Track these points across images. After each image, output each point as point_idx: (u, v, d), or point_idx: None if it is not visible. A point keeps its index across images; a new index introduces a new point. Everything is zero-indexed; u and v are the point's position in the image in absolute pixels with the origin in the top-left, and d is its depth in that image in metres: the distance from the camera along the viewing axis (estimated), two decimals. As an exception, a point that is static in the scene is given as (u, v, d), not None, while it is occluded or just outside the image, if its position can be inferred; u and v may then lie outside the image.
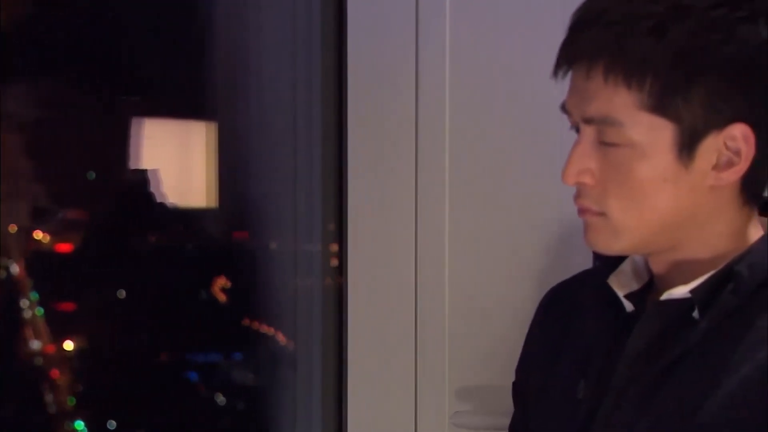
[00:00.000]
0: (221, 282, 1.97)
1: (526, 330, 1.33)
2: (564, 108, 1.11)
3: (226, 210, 2.00)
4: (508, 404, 1.35)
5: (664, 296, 1.09)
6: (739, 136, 1.04)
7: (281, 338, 1.88)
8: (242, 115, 1.94)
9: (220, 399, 2.00)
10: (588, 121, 1.07)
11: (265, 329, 1.92)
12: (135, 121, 1.99)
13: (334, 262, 1.78)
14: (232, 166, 1.97)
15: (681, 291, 1.08)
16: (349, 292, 1.68)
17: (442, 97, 1.63)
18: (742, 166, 1.05)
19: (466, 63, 1.63)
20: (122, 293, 1.96)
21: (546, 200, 1.61)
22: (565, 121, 1.13)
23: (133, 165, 1.99)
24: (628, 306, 1.15)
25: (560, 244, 1.61)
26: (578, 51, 1.06)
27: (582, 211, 1.11)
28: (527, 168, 1.62)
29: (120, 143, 1.99)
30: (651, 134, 1.04)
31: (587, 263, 1.56)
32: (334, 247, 1.78)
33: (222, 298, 1.98)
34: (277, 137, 1.85)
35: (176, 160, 2.03)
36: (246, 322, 1.94)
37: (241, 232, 1.99)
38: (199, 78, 1.99)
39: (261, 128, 1.90)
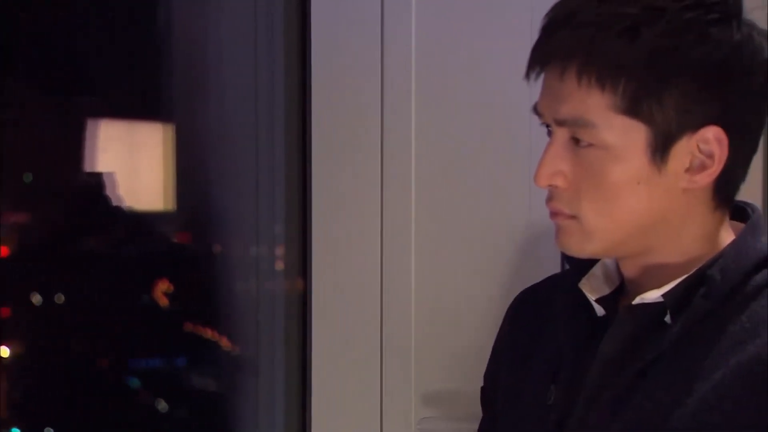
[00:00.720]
0: (171, 286, 1.96)
1: (493, 335, 1.33)
2: (536, 110, 1.11)
3: (186, 213, 1.99)
4: (474, 410, 1.36)
5: (637, 300, 1.09)
6: (712, 138, 1.05)
7: (244, 344, 1.87)
8: (202, 115, 1.93)
9: (180, 407, 1.98)
10: (561, 123, 1.08)
11: (228, 335, 1.91)
12: (89, 123, 1.97)
13: (293, 266, 1.78)
14: (192, 168, 1.96)
15: (653, 295, 1.08)
16: (313, 296, 1.67)
17: (408, 96, 1.63)
18: (715, 169, 1.06)
19: (432, 63, 1.63)
20: (61, 298, 1.94)
21: (514, 203, 1.62)
22: (534, 122, 1.14)
23: (85, 167, 1.97)
24: (599, 310, 1.15)
25: (528, 248, 1.62)
26: (551, 52, 1.07)
27: (554, 214, 1.11)
28: (495, 170, 1.63)
29: (73, 145, 1.97)
30: (624, 136, 1.05)
31: (555, 267, 1.57)
32: (295, 251, 1.77)
33: (178, 302, 1.97)
34: (238, 138, 1.84)
35: (131, 162, 2.01)
36: (208, 327, 1.93)
37: (201, 236, 1.98)
38: (156, 78, 1.98)
39: (221, 129, 1.89)
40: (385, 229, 1.65)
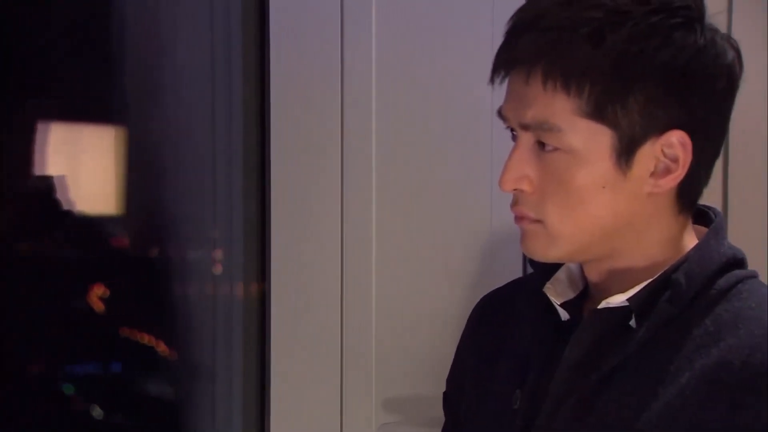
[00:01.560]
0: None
1: (454, 340, 1.34)
2: (500, 114, 1.12)
3: (140, 217, 1.98)
4: (435, 415, 1.37)
5: (602, 305, 1.11)
6: (676, 143, 1.07)
7: (203, 349, 1.87)
8: (156, 117, 1.92)
9: (133, 415, 1.97)
10: (526, 127, 1.09)
11: (184, 341, 1.90)
12: (39, 125, 1.95)
13: (252, 271, 1.78)
14: (147, 171, 1.95)
15: (618, 299, 1.10)
16: (272, 301, 1.67)
17: (369, 100, 1.63)
18: (680, 173, 1.08)
19: (393, 67, 1.63)
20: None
21: (475, 207, 1.63)
22: (496, 125, 1.14)
23: (35, 170, 1.95)
24: (564, 314, 1.17)
25: (490, 253, 1.63)
26: (516, 56, 1.08)
27: (519, 219, 1.12)
28: (456, 175, 1.64)
29: (23, 147, 1.95)
30: (589, 141, 1.06)
31: (517, 272, 1.59)
32: (253, 255, 1.77)
33: (130, 307, 1.96)
34: (194, 141, 1.84)
35: (82, 166, 2.00)
36: (162, 333, 1.92)
37: (155, 240, 1.97)
38: (109, 80, 1.96)
39: (176, 132, 1.88)
40: (345, 233, 1.65)
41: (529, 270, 1.25)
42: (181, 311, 1.90)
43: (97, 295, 1.93)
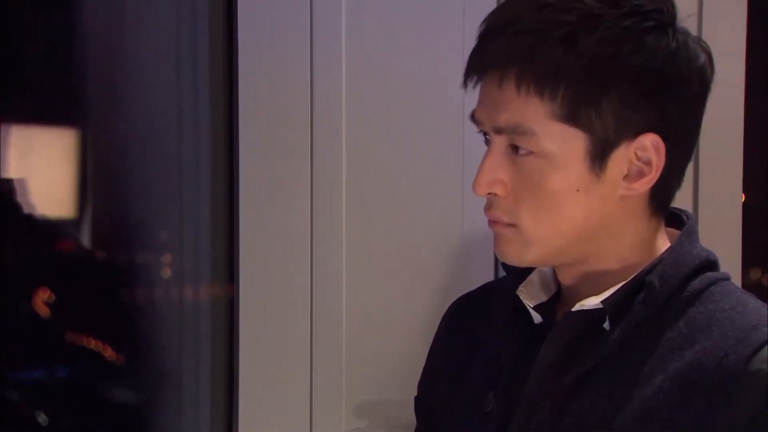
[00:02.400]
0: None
1: (425, 344, 1.35)
2: (473, 118, 1.13)
3: (104, 220, 1.97)
4: (405, 419, 1.38)
5: (576, 307, 1.12)
6: (649, 146, 1.09)
7: (169, 354, 1.86)
8: (121, 119, 1.91)
9: (96, 421, 1.97)
10: (499, 131, 1.10)
11: (151, 345, 1.90)
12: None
13: (221, 275, 1.78)
14: (113, 173, 1.94)
15: (593, 302, 1.12)
16: (240, 305, 1.67)
17: (339, 102, 1.64)
18: (653, 176, 1.10)
19: (362, 71, 1.63)
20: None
21: (446, 211, 1.63)
22: (467, 129, 1.16)
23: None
24: (536, 317, 1.18)
25: (461, 257, 1.64)
26: (490, 60, 1.09)
27: (492, 223, 1.14)
28: (427, 179, 1.64)
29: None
30: (563, 144, 1.08)
31: (489, 276, 1.60)
32: (222, 259, 1.77)
33: (93, 311, 1.95)
34: (160, 143, 1.83)
35: (41, 169, 1.98)
36: (129, 337, 1.92)
37: (119, 244, 1.96)
38: (71, 81, 1.95)
39: (142, 133, 1.88)
40: (315, 236, 1.65)
41: (501, 274, 1.27)
42: (147, 315, 1.89)
43: (43, 299, 1.93)
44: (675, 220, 1.19)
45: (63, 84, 1.96)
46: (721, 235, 1.58)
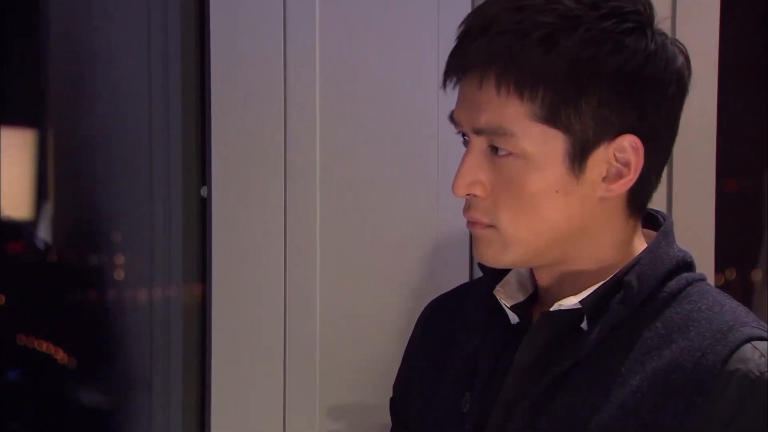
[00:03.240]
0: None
1: (399, 346, 1.36)
2: (452, 118, 1.14)
3: (71, 219, 1.97)
4: (380, 421, 1.38)
5: (554, 307, 1.14)
6: (628, 147, 1.11)
7: (141, 356, 1.86)
8: (91, 120, 1.91)
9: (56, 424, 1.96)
10: (479, 132, 1.11)
11: (120, 348, 1.89)
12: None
13: (192, 275, 1.77)
14: (81, 173, 1.93)
15: (571, 302, 1.13)
16: (213, 305, 1.67)
17: (313, 102, 1.63)
18: (632, 177, 1.12)
19: (336, 71, 1.63)
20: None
21: (421, 212, 1.63)
22: (443, 130, 1.16)
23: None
24: (513, 318, 1.19)
25: (436, 258, 1.64)
26: (469, 61, 1.10)
27: (471, 224, 1.15)
28: (402, 179, 1.64)
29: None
30: (543, 145, 1.09)
31: (464, 276, 1.61)
32: (193, 260, 1.77)
33: (60, 313, 1.95)
34: (130, 142, 1.83)
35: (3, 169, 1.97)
36: (101, 339, 1.91)
37: (89, 244, 1.96)
38: (37, 81, 1.94)
39: (108, 132, 1.87)
40: (288, 237, 1.65)
41: (476, 274, 1.27)
42: (115, 317, 1.89)
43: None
44: (651, 221, 1.20)
45: (25, 83, 1.95)
46: (694, 237, 1.60)
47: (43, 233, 1.96)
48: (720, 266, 1.72)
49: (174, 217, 1.79)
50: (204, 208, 1.70)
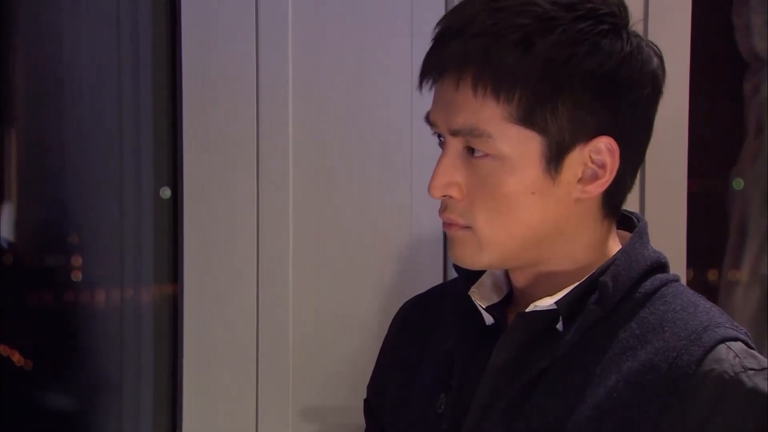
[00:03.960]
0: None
1: (372, 348, 1.37)
2: (428, 120, 1.15)
3: (35, 220, 1.95)
4: (352, 424, 1.39)
5: (530, 308, 1.15)
6: (604, 149, 1.12)
7: (111, 358, 1.85)
8: (59, 119, 1.90)
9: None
10: (455, 133, 1.12)
11: (93, 349, 1.88)
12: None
13: (164, 277, 1.77)
14: (49, 173, 1.92)
15: (546, 303, 1.14)
16: (185, 308, 1.67)
17: (286, 103, 1.64)
18: (607, 178, 1.13)
19: (309, 72, 1.64)
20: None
21: (395, 213, 1.64)
22: (416, 130, 1.17)
23: None
24: (488, 319, 1.20)
25: (410, 259, 1.65)
26: (446, 62, 1.11)
27: (447, 225, 1.15)
28: (375, 181, 1.65)
29: None
30: (519, 147, 1.10)
31: (438, 277, 1.62)
32: (165, 262, 1.76)
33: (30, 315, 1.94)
34: (100, 142, 1.82)
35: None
36: (69, 342, 1.90)
37: (57, 246, 1.95)
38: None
39: (79, 131, 1.86)
40: (261, 238, 1.65)
41: (450, 275, 1.28)
42: (86, 320, 1.88)
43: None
44: (625, 222, 1.21)
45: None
46: (666, 238, 1.61)
47: (6, 233, 1.95)
48: (691, 266, 1.74)
49: (144, 217, 1.78)
50: (168, 209, 1.69)
